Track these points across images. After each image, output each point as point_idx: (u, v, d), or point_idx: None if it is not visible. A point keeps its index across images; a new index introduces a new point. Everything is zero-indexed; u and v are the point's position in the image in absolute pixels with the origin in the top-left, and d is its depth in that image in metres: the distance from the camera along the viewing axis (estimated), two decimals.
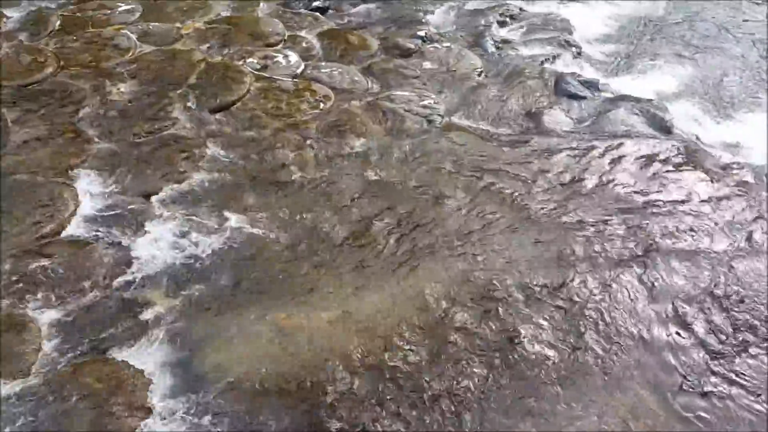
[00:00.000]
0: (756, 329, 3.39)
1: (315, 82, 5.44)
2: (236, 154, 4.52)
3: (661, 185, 4.42)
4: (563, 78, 5.77)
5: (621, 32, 7.59)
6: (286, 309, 3.39)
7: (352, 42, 6.19)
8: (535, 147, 4.78)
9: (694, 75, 6.73)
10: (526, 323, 3.34)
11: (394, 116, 5.03)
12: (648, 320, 3.41)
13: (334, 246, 3.80)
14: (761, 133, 5.59)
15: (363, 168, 4.45)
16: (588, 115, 5.33)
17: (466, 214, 4.06)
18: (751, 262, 3.82)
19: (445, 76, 5.75)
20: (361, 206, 4.09)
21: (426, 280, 3.57)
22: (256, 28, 6.20)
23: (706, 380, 3.12)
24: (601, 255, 3.80)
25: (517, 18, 7.19)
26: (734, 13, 8.20)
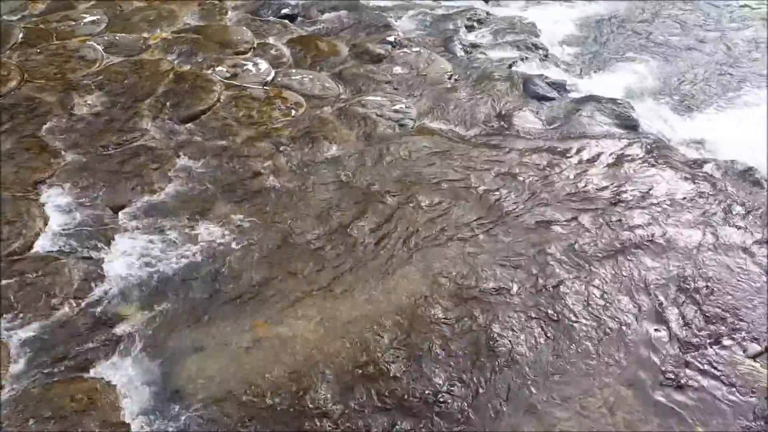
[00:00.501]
0: (726, 320, 3.46)
1: (286, 89, 5.42)
2: (208, 163, 4.47)
3: (630, 182, 4.50)
4: (531, 80, 5.84)
5: (585, 33, 7.73)
6: (263, 319, 3.35)
7: (322, 48, 6.19)
8: (507, 148, 4.83)
9: (659, 73, 6.88)
10: (503, 323, 3.36)
11: (367, 121, 5.04)
12: (623, 315, 3.45)
13: (311, 253, 3.78)
14: (725, 129, 5.74)
15: (337, 174, 4.44)
16: (557, 115, 5.40)
17: (441, 217, 4.07)
18: (720, 255, 3.90)
19: (415, 81, 5.78)
20: (336, 212, 4.08)
21: (404, 284, 3.57)
22: (225, 37, 6.16)
23: (681, 373, 3.17)
24: (575, 253, 3.84)
25: (485, 22, 7.27)
26: (694, 11, 8.41)
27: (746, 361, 3.19)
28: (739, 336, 3.39)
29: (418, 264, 3.71)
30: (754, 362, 3.21)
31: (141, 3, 6.84)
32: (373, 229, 3.96)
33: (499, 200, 4.24)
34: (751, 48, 7.67)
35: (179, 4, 6.81)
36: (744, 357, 3.24)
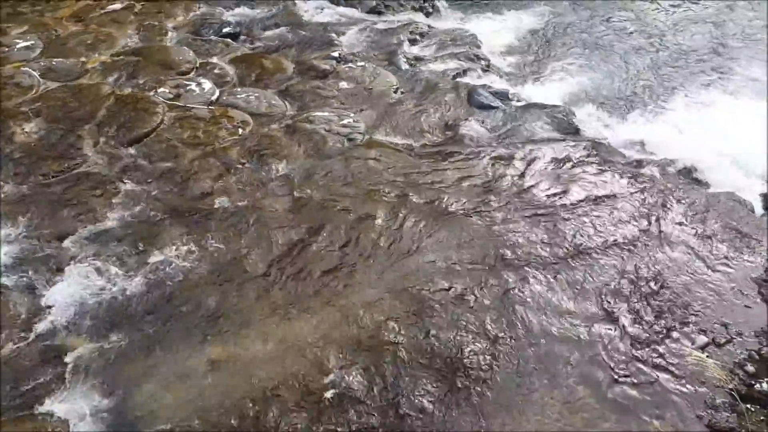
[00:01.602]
0: (674, 313, 3.58)
1: (232, 108, 5.36)
2: (154, 187, 4.37)
3: (575, 185, 4.63)
4: (475, 90, 5.96)
5: (525, 43, 7.96)
6: (219, 343, 3.28)
7: (267, 66, 6.15)
8: (455, 157, 4.89)
9: (597, 79, 7.13)
10: (460, 330, 3.39)
11: (315, 137, 5.02)
12: (576, 316, 3.53)
13: (264, 273, 3.73)
14: (664, 130, 5.99)
15: (287, 191, 4.41)
16: (502, 123, 5.52)
17: (393, 229, 4.09)
18: (664, 251, 4.05)
19: (362, 95, 5.81)
20: (289, 230, 4.04)
21: (360, 298, 3.56)
22: (166, 58, 6.06)
23: (635, 369, 3.26)
24: (526, 256, 3.91)
25: (427, 35, 7.38)
26: (629, 19, 8.76)
27: (693, 353, 3.31)
28: (687, 328, 3.51)
29: (375, 279, 3.71)
30: (701, 354, 3.33)
31: (77, 27, 6.66)
32: (328, 245, 3.94)
33: (450, 209, 4.29)
34: (687, 50, 8.04)
35: (117, 27, 6.66)
36: (691, 349, 3.35)
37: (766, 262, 4.02)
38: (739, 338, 3.46)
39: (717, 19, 9.06)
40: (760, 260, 4.04)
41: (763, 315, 3.63)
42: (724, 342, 3.43)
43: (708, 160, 5.21)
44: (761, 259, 4.05)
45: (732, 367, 3.29)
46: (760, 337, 3.48)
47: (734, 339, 3.45)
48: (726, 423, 3.00)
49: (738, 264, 3.99)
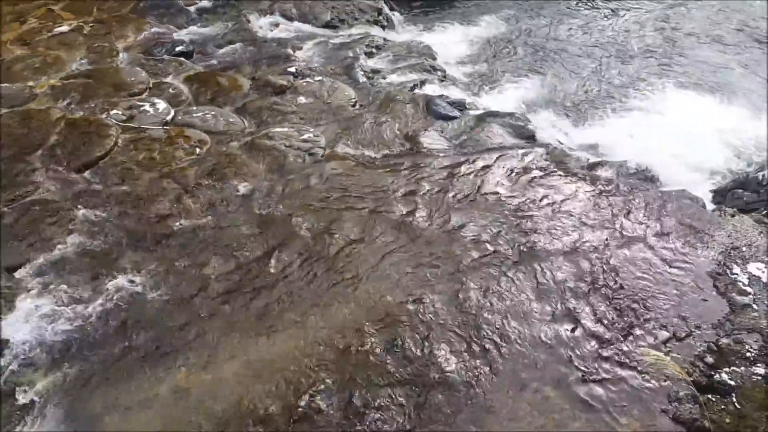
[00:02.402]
0: (636, 311, 3.66)
1: (188, 127, 5.29)
2: (110, 211, 4.27)
3: (533, 189, 4.71)
4: (433, 101, 6.02)
5: (479, 53, 8.11)
6: (183, 368, 3.21)
7: (223, 83, 6.10)
8: (416, 168, 4.93)
9: (550, 85, 7.30)
10: (428, 340, 3.40)
11: (276, 153, 5.00)
12: (542, 319, 3.58)
13: (228, 294, 3.67)
14: (616, 133, 6.16)
15: (249, 210, 4.36)
16: (460, 132, 5.58)
17: (358, 243, 4.08)
18: (622, 250, 4.14)
19: (321, 109, 5.81)
20: (251, 249, 4.00)
21: (328, 316, 3.53)
22: (118, 79, 5.95)
23: (601, 367, 3.31)
24: (490, 263, 3.95)
25: (383, 48, 7.44)
26: (578, 26, 9.01)
27: (651, 353, 3.38)
28: (648, 325, 3.59)
29: (341, 292, 3.69)
30: (657, 352, 3.40)
31: (23, 51, 6.50)
32: (293, 262, 3.91)
33: (413, 219, 4.31)
34: (635, 54, 8.30)
35: (66, 49, 6.52)
36: (649, 348, 3.42)
37: (719, 256, 4.15)
38: (698, 331, 3.56)
39: (663, 21, 9.40)
40: (713, 254, 4.17)
41: (720, 307, 3.75)
42: (684, 336, 3.53)
43: (659, 159, 5.38)
44: (714, 253, 4.18)
45: (693, 360, 3.38)
46: (717, 329, 3.58)
47: (693, 332, 3.55)
48: (689, 415, 3.07)
49: (693, 259, 4.11)
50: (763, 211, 5.12)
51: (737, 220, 4.65)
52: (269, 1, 8.01)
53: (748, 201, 5.34)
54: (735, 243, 4.30)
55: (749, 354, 3.44)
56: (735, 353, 3.44)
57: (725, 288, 3.89)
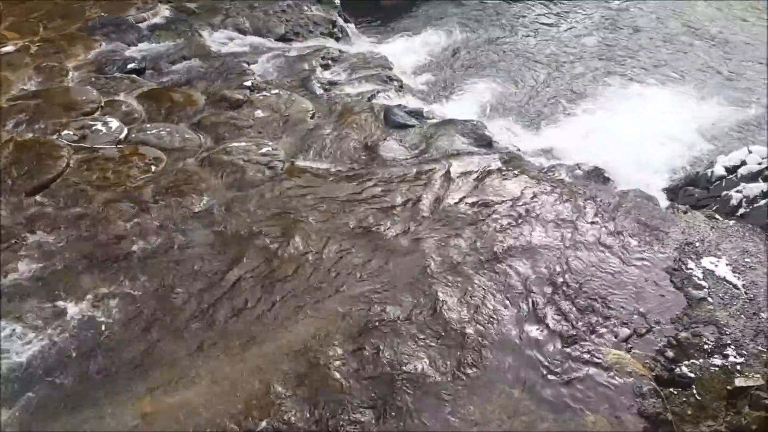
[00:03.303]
0: (597, 310, 3.74)
1: (142, 145, 5.19)
2: (64, 235, 4.14)
3: (493, 194, 4.77)
4: (391, 110, 6.05)
5: (434, 62, 8.19)
6: (147, 393, 3.13)
7: (177, 100, 6.01)
8: (377, 178, 4.93)
9: (505, 93, 7.42)
10: (400, 347, 3.39)
11: (234, 168, 4.93)
12: (507, 322, 3.62)
13: (190, 314, 3.60)
14: (570, 137, 6.30)
15: (209, 226, 4.29)
16: (419, 141, 5.62)
17: (321, 255, 4.06)
18: (581, 250, 4.23)
19: (279, 122, 5.77)
20: (212, 267, 3.93)
21: (293, 330, 3.50)
22: (68, 99, 5.80)
23: (566, 367, 3.37)
24: (455, 268, 3.98)
25: (339, 60, 7.44)
26: (528, 34, 9.19)
27: (612, 352, 3.45)
28: (610, 322, 3.67)
29: (306, 306, 3.66)
30: (619, 351, 3.47)
31: None
32: (255, 279, 3.85)
33: (375, 229, 4.31)
34: (586, 59, 8.51)
35: (12, 70, 6.32)
36: (610, 348, 3.48)
37: (674, 252, 4.28)
38: (658, 326, 3.66)
39: (612, 24, 9.68)
40: (669, 251, 4.29)
41: (677, 302, 3.86)
42: (645, 332, 3.61)
43: (613, 160, 5.52)
44: (669, 249, 4.30)
45: (654, 355, 3.47)
46: (676, 323, 3.69)
47: (653, 328, 3.64)
48: (653, 409, 3.15)
49: (650, 256, 4.22)
50: (714, 206, 5.31)
51: (690, 216, 4.80)
52: (222, 16, 7.93)
53: (699, 198, 5.53)
54: (689, 239, 4.44)
55: (707, 346, 3.55)
56: (693, 346, 3.55)
57: (681, 283, 4.00)
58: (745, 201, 5.16)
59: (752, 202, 5.11)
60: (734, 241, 4.52)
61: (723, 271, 4.16)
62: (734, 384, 3.31)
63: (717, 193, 5.40)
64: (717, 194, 5.40)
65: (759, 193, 5.14)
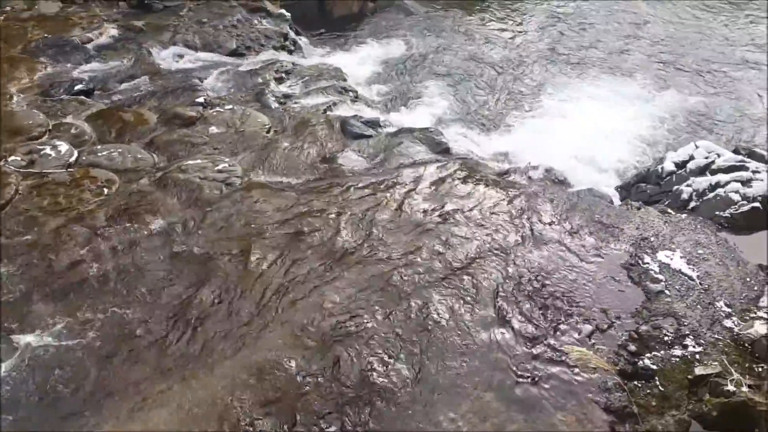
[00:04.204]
0: (560, 308, 3.79)
1: (94, 167, 5.06)
2: (16, 264, 3.99)
3: (452, 200, 4.81)
4: (348, 121, 6.06)
5: (388, 72, 8.26)
6: (112, 422, 3.03)
7: (128, 119, 5.89)
8: (337, 189, 4.92)
9: (459, 100, 7.53)
10: (368, 358, 3.37)
11: (190, 187, 4.85)
12: (474, 326, 3.63)
13: (152, 338, 3.50)
14: (524, 140, 6.43)
15: (167, 247, 4.20)
16: (377, 151, 5.64)
17: (283, 270, 4.01)
18: (541, 250, 4.29)
19: (235, 138, 5.71)
20: (172, 289, 3.83)
21: (259, 348, 3.44)
22: (14, 123, 5.61)
23: (532, 366, 3.40)
24: (418, 275, 3.99)
25: (293, 73, 7.43)
26: (479, 43, 9.36)
27: (575, 350, 3.50)
28: (572, 320, 3.73)
29: (269, 322, 3.61)
30: (581, 348, 3.53)
31: None
32: (217, 298, 3.78)
33: (338, 241, 4.29)
34: (535, 64, 8.71)
35: None
36: (573, 345, 3.54)
37: (631, 248, 4.39)
38: (619, 321, 3.73)
39: (558, 29, 9.94)
40: (624, 246, 4.40)
41: (636, 296, 3.95)
42: (607, 327, 3.69)
43: (566, 161, 5.65)
44: (626, 245, 4.41)
45: (617, 350, 3.54)
46: (636, 317, 3.77)
47: (614, 323, 3.72)
48: (619, 403, 3.21)
49: (607, 253, 4.32)
50: (666, 201, 5.47)
51: (643, 212, 4.94)
52: (171, 33, 7.83)
53: (651, 193, 5.69)
54: (643, 234, 4.56)
55: (667, 338, 3.64)
56: (654, 338, 3.63)
57: (639, 277, 4.10)
58: (695, 195, 5.34)
59: (702, 195, 5.30)
60: (687, 234, 4.66)
61: (678, 263, 4.29)
62: (694, 373, 3.40)
63: (668, 189, 5.57)
64: (668, 189, 5.57)
65: (707, 186, 5.33)
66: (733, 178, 5.29)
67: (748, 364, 3.51)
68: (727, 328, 3.77)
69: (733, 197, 5.14)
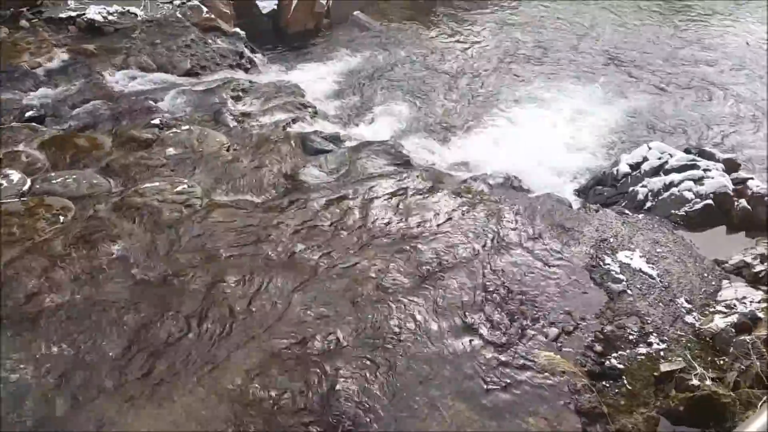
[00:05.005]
0: (525, 313, 3.84)
1: (48, 195, 4.91)
2: None
3: (416, 211, 4.83)
4: (308, 137, 6.05)
5: (346, 87, 8.29)
6: None
7: (82, 145, 5.75)
8: (299, 206, 4.89)
9: (418, 112, 7.60)
10: (337, 375, 3.34)
11: (149, 210, 4.75)
12: (443, 336, 3.64)
13: (116, 370, 3.39)
14: (483, 149, 6.53)
15: (127, 273, 4.09)
16: (339, 165, 5.63)
17: (249, 291, 3.95)
18: (505, 257, 4.34)
19: (193, 158, 5.62)
20: (134, 318, 3.72)
21: (228, 372, 3.37)
22: None
23: (502, 373, 3.43)
24: (384, 289, 3.98)
25: (250, 91, 7.38)
26: (434, 56, 9.48)
27: (542, 354, 3.54)
28: (539, 324, 3.78)
29: (237, 345, 3.54)
30: (548, 352, 3.57)
31: None
32: (182, 325, 3.68)
33: (303, 259, 4.25)
34: (489, 75, 8.86)
35: None
36: (541, 350, 3.58)
37: (591, 250, 4.48)
38: (584, 323, 3.80)
39: (513, 38, 10.15)
40: (585, 249, 4.49)
41: (599, 297, 4.03)
42: (572, 329, 3.75)
43: (525, 167, 5.76)
44: (586, 247, 4.50)
45: (584, 351, 3.59)
46: (600, 318, 3.85)
47: (580, 324, 3.78)
48: (589, 404, 3.25)
49: (568, 256, 4.40)
50: (623, 203, 5.61)
51: (601, 214, 5.05)
52: (123, 55, 7.70)
53: (608, 196, 5.83)
54: (603, 236, 4.67)
55: (631, 336, 3.72)
56: (619, 338, 3.71)
57: (601, 278, 4.19)
58: (650, 195, 5.50)
59: (657, 195, 5.46)
60: (645, 233, 4.79)
61: (638, 263, 4.40)
62: (660, 370, 3.48)
63: (624, 190, 5.73)
64: (624, 191, 5.72)
65: (662, 186, 5.50)
66: (685, 177, 5.47)
67: (711, 357, 3.61)
68: (689, 324, 3.88)
69: (687, 195, 5.31)
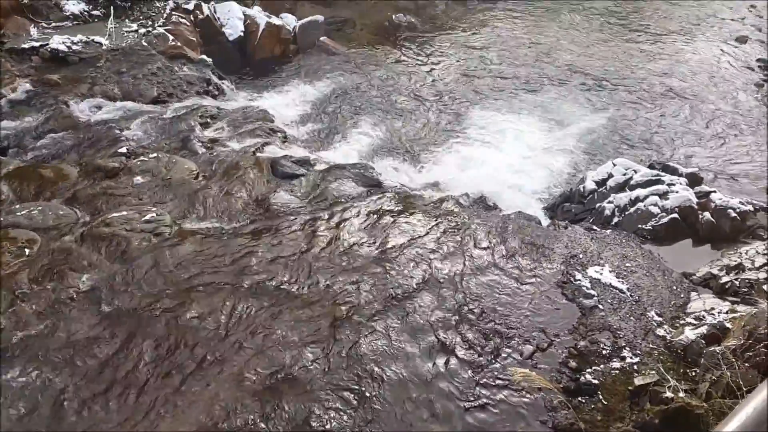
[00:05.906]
0: (499, 332, 3.85)
1: (13, 228, 4.78)
2: None
3: (388, 232, 4.83)
4: (278, 162, 6.03)
5: (314, 112, 8.32)
6: None
7: (47, 176, 5.63)
8: (271, 231, 4.85)
9: (387, 134, 7.66)
10: (312, 400, 3.29)
11: (117, 240, 4.65)
12: (418, 358, 3.62)
13: (83, 405, 3.28)
14: (453, 170, 6.59)
15: (95, 305, 3.98)
16: (310, 189, 5.63)
17: (225, 319, 3.87)
18: (478, 277, 4.36)
19: (161, 186, 5.55)
20: (102, 351, 3.61)
21: (199, 402, 3.30)
22: None
23: (479, 393, 3.42)
24: (359, 313, 3.95)
25: (218, 117, 7.36)
26: (404, 78, 9.59)
27: (518, 372, 3.53)
28: (513, 342, 3.79)
29: (209, 375, 3.47)
30: (525, 370, 3.57)
31: None
32: (151, 356, 3.59)
33: (277, 284, 4.20)
34: (457, 97, 8.98)
35: None
36: (516, 368, 3.57)
37: (562, 266, 4.53)
38: (558, 339, 3.82)
39: (478, 61, 10.32)
40: (556, 265, 4.53)
41: (571, 313, 4.07)
42: (547, 346, 3.77)
43: (494, 187, 5.83)
44: (557, 264, 4.55)
45: (558, 367, 3.61)
46: (574, 334, 3.88)
47: (554, 341, 3.80)
48: (566, 420, 3.26)
49: (540, 273, 4.44)
50: (590, 219, 5.71)
51: (570, 231, 5.12)
52: (88, 85, 7.61)
53: (576, 212, 5.93)
54: (572, 252, 4.73)
55: (605, 351, 3.76)
56: (593, 353, 3.74)
57: (573, 294, 4.23)
58: (617, 210, 5.61)
59: (623, 210, 5.57)
60: (613, 248, 4.87)
61: (608, 278, 4.46)
62: (634, 384, 3.51)
63: (591, 206, 5.83)
64: (591, 207, 5.83)
65: (628, 202, 5.61)
66: (650, 192, 5.60)
67: (683, 369, 3.66)
68: (660, 337, 3.93)
69: (653, 210, 5.43)
